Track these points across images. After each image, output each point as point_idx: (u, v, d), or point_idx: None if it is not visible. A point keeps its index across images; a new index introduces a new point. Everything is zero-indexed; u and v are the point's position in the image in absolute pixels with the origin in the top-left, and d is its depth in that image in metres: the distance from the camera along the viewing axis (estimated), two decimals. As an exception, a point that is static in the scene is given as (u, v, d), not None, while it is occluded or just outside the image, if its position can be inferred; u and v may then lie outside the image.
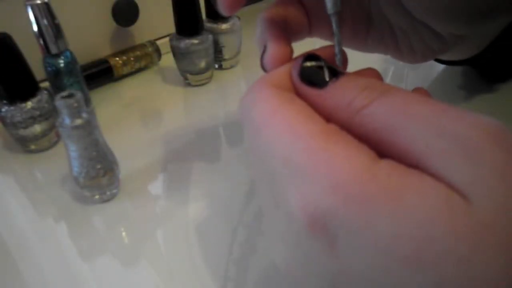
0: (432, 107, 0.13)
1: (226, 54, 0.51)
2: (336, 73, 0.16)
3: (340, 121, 0.15)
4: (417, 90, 0.19)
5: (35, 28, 0.36)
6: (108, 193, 0.33)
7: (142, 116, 0.45)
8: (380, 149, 0.14)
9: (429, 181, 0.12)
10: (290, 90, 0.16)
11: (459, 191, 0.12)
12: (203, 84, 0.49)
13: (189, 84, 0.49)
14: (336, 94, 0.15)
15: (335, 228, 0.13)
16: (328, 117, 0.15)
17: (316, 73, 0.16)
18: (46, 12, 0.36)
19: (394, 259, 0.12)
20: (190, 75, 0.48)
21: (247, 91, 0.17)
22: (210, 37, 0.46)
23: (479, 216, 0.11)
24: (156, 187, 0.35)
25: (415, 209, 0.12)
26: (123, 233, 0.31)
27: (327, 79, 0.16)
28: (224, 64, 0.52)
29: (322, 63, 0.16)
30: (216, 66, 0.52)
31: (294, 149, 0.14)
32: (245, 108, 0.16)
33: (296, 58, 0.17)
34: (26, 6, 0.36)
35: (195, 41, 0.45)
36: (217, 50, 0.50)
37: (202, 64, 0.47)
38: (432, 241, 0.11)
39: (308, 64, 0.16)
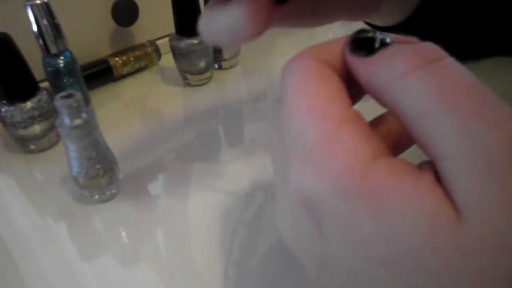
0: (474, 106, 0.12)
1: (226, 54, 0.51)
2: (387, 42, 0.15)
3: (378, 92, 0.14)
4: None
5: (34, 28, 0.36)
6: (107, 193, 0.33)
7: (142, 116, 0.45)
8: (407, 130, 0.13)
9: (424, 189, 0.12)
10: (334, 65, 0.16)
11: (456, 205, 0.11)
12: (203, 84, 0.49)
13: (189, 84, 0.49)
14: (380, 61, 0.14)
15: (322, 214, 0.13)
16: (369, 89, 0.15)
17: (368, 43, 0.15)
18: (45, 12, 0.36)
19: (370, 256, 0.12)
20: (190, 75, 0.48)
21: (293, 57, 0.16)
22: (210, 37, 0.46)
23: (465, 240, 0.11)
24: (156, 187, 0.35)
25: (397, 215, 0.12)
26: (123, 233, 0.31)
27: (377, 48, 0.15)
28: (224, 64, 0.52)
29: (375, 34, 0.15)
30: (216, 66, 0.52)
31: (307, 127, 0.14)
32: (284, 74, 0.16)
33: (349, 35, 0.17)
34: (25, 6, 0.36)
35: (195, 41, 0.45)
36: (217, 50, 0.50)
37: (202, 64, 0.47)
38: (407, 250, 0.11)
39: (361, 35, 0.16)
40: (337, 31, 0.58)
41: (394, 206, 0.12)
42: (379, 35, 0.15)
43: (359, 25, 0.20)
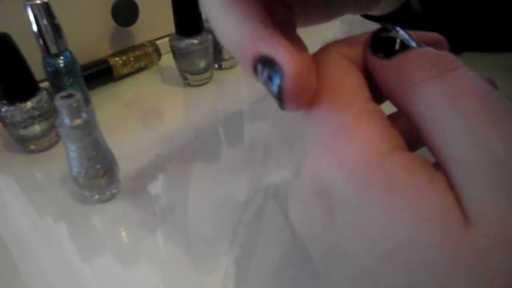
0: (486, 113, 0.12)
1: (226, 54, 0.51)
2: (408, 45, 0.15)
3: (394, 94, 0.14)
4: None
5: (34, 28, 0.37)
6: (107, 193, 0.33)
7: (142, 116, 0.45)
8: (419, 134, 0.13)
9: (436, 189, 0.12)
10: (356, 61, 0.16)
11: (466, 210, 0.11)
12: (202, 84, 0.49)
13: (189, 84, 0.49)
14: (399, 66, 0.14)
15: (334, 202, 0.13)
16: (386, 90, 0.15)
17: (388, 44, 0.15)
18: (45, 12, 0.36)
19: (378, 248, 0.12)
20: (189, 75, 0.48)
21: (316, 51, 0.16)
22: (210, 37, 0.46)
23: (473, 241, 0.11)
24: (156, 187, 0.35)
25: (408, 210, 0.12)
26: (123, 233, 0.31)
27: (397, 50, 0.15)
28: (224, 64, 0.52)
29: (396, 34, 0.15)
30: (216, 66, 0.52)
31: (326, 117, 0.14)
32: None
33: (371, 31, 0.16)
34: (26, 6, 0.36)
35: (195, 41, 0.45)
36: (217, 50, 0.50)
37: (202, 64, 0.47)
38: (414, 245, 0.11)
39: (382, 34, 0.16)
40: (337, 30, 0.58)
41: (406, 200, 0.12)
42: (400, 35, 0.15)
43: (358, 24, 0.20)
